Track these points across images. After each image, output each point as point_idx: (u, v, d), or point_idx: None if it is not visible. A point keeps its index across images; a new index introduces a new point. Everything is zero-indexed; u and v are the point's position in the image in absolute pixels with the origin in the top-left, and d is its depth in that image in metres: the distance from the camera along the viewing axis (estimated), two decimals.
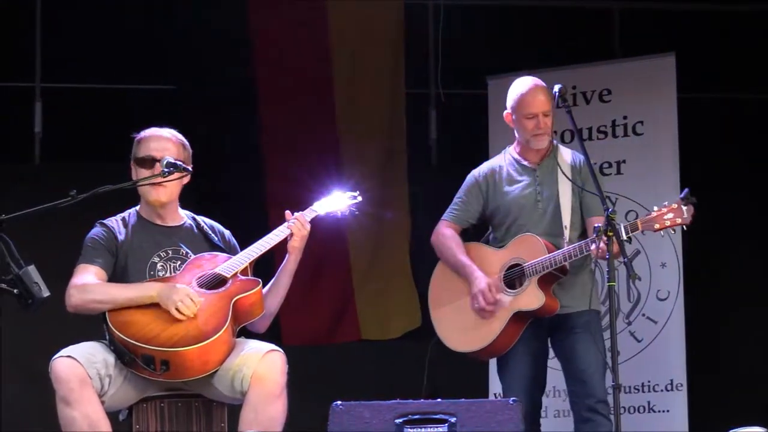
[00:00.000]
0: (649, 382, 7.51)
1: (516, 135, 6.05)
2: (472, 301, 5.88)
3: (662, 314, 7.56)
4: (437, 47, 8.27)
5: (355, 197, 5.61)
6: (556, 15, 8.38)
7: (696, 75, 8.11)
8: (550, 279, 5.81)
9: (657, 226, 5.58)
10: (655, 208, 5.60)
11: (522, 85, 5.96)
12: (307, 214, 5.43)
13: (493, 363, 7.55)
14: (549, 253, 5.76)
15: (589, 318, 5.87)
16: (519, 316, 5.83)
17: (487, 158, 7.77)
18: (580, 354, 5.83)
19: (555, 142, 6.04)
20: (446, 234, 6.07)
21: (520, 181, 5.99)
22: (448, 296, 6.02)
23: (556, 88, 5.70)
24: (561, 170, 5.89)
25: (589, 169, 5.74)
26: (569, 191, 5.89)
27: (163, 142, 5.30)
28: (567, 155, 6.00)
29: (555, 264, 5.74)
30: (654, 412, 7.51)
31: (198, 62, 8.01)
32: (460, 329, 5.97)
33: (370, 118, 8.20)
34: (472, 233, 6.20)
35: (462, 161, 8.23)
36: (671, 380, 7.51)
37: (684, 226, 5.57)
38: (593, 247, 5.53)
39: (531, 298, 5.79)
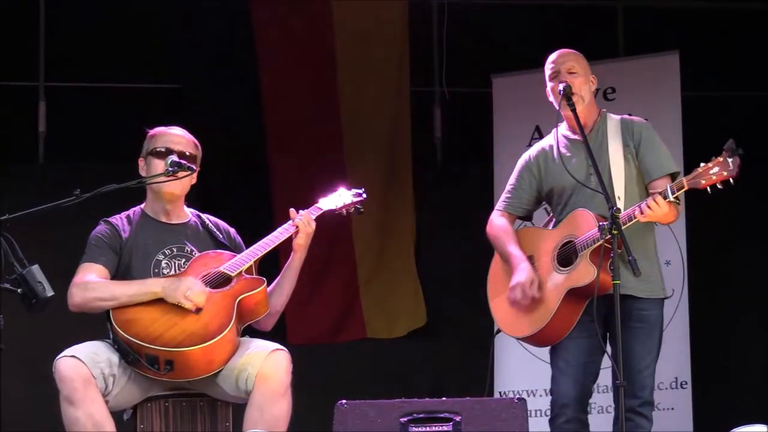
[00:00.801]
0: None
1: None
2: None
3: (667, 312, 7.51)
4: (441, 46, 8.26)
5: (360, 195, 5.59)
6: (561, 13, 8.36)
7: (700, 73, 8.09)
8: (604, 253, 5.42)
9: (703, 182, 5.29)
10: (702, 164, 5.32)
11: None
12: (313, 212, 5.42)
13: (498, 361, 7.57)
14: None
15: (650, 309, 5.60)
16: (574, 295, 5.51)
17: (491, 156, 7.83)
18: (634, 351, 5.48)
19: (604, 110, 5.79)
20: (498, 225, 5.81)
21: (570, 157, 5.68)
22: (504, 285, 5.73)
23: (561, 86, 5.59)
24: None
25: (593, 163, 5.48)
26: (621, 159, 5.60)
27: (179, 137, 5.32)
28: (617, 121, 5.72)
29: (604, 235, 5.36)
30: (659, 410, 7.42)
31: (203, 61, 8.00)
32: (516, 315, 5.68)
33: (374, 116, 8.20)
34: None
35: (466, 159, 8.27)
36: (676, 378, 7.51)
37: (731, 180, 5.27)
38: (636, 212, 5.30)
39: (583, 272, 5.47)
